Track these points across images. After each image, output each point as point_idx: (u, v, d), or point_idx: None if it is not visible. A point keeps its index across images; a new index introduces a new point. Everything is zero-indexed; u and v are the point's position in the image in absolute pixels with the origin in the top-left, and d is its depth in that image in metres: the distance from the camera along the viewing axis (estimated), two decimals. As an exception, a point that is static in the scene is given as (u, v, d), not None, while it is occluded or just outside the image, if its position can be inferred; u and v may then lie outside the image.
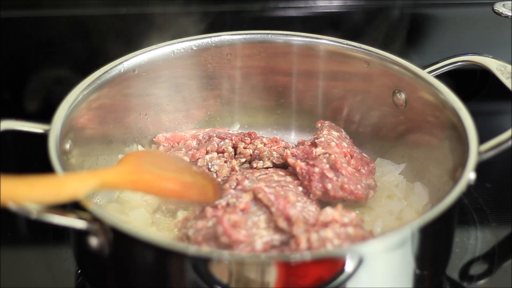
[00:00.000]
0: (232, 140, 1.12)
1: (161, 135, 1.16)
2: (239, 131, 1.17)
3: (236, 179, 1.03)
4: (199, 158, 1.09)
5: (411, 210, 1.06)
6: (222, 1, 1.43)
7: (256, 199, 0.98)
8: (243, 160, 1.11)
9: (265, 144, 1.12)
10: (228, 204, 0.98)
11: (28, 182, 0.84)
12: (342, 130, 1.15)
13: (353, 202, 1.04)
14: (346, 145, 1.09)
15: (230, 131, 1.17)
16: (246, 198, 0.98)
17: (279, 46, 1.18)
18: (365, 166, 1.08)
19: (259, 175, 1.05)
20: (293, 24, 1.43)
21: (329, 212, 0.95)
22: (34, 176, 0.84)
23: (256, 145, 1.12)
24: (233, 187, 1.02)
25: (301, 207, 0.98)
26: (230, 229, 0.92)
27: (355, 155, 1.09)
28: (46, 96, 1.30)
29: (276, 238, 0.94)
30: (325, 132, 1.10)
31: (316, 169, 1.03)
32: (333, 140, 1.08)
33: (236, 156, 1.11)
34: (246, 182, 1.02)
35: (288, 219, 0.95)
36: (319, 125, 1.14)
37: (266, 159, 1.10)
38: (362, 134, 1.17)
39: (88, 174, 0.93)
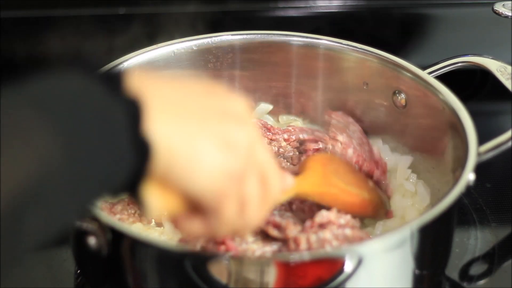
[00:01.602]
0: None
1: None
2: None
3: None
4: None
5: (413, 210, 1.06)
6: (222, 1, 1.43)
7: None
8: None
9: (286, 140, 1.12)
10: None
11: None
12: (349, 119, 1.13)
13: None
14: (352, 152, 1.07)
15: None
16: None
17: (279, 46, 1.18)
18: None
19: None
20: (293, 24, 1.43)
21: (325, 214, 0.94)
22: None
23: (280, 144, 1.11)
24: None
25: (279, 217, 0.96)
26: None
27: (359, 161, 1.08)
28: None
29: (268, 250, 0.93)
30: (329, 146, 1.08)
31: None
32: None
33: None
34: None
35: (278, 226, 0.93)
36: (326, 117, 1.14)
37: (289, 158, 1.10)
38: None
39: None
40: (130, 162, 0.63)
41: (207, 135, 0.67)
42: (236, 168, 0.69)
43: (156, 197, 0.67)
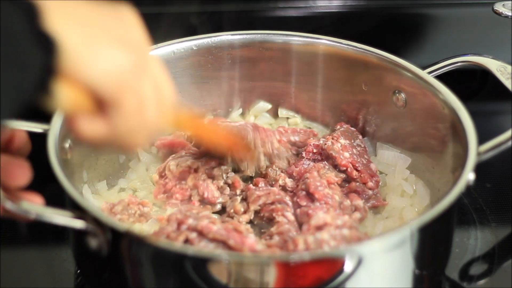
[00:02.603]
0: None
1: (158, 142, 1.13)
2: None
3: (177, 219, 0.95)
4: (215, 167, 1.06)
5: (412, 210, 1.06)
6: (223, 1, 1.43)
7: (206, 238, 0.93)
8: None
9: (278, 141, 1.10)
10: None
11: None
12: (359, 136, 1.14)
13: None
14: (348, 156, 1.08)
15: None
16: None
17: (279, 46, 1.18)
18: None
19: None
20: (293, 24, 1.43)
21: (321, 216, 0.94)
22: None
23: (274, 145, 1.10)
24: (174, 227, 0.95)
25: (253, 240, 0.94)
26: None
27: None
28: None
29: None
30: (329, 142, 1.09)
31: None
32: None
33: None
34: (190, 221, 0.94)
35: (253, 250, 0.91)
36: (338, 127, 1.14)
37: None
38: (361, 135, 1.17)
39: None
40: (36, 58, 0.67)
41: (104, 32, 0.74)
42: (132, 63, 0.74)
43: (65, 93, 0.71)
